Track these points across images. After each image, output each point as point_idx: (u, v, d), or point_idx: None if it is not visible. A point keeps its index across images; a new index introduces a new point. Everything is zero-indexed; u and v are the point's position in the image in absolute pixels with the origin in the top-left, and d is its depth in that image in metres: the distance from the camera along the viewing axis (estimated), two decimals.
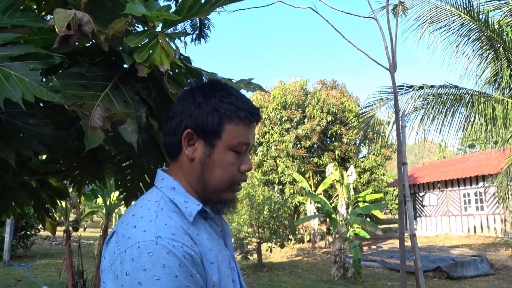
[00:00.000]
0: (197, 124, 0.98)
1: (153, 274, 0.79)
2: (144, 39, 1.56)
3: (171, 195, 0.97)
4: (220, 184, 1.00)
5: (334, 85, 21.34)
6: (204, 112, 0.99)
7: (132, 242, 0.84)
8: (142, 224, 0.87)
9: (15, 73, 1.20)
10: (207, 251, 0.93)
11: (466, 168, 19.35)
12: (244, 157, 1.02)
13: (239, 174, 1.01)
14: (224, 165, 0.99)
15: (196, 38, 5.05)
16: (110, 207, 8.22)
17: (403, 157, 4.16)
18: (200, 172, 0.99)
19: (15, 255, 13.50)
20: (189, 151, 1.00)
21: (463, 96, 7.07)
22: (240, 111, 0.99)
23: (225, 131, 0.98)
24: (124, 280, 0.81)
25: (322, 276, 10.40)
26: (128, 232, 0.87)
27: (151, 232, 0.84)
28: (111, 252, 0.88)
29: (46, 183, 2.89)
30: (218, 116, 0.98)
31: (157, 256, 0.81)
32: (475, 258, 10.18)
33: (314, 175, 19.09)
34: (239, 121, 0.99)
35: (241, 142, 0.99)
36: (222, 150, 0.99)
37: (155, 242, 0.83)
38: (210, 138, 0.98)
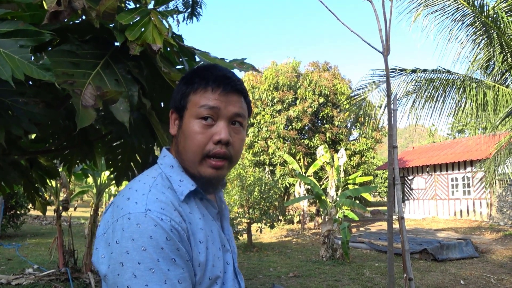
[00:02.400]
0: (173, 103, 1.04)
1: (140, 244, 0.83)
2: (136, 16, 1.53)
3: (168, 173, 1.00)
4: (191, 155, 0.99)
5: (327, 67, 21.27)
6: (176, 89, 1.05)
7: (124, 213, 0.87)
8: (135, 197, 0.90)
9: (4, 50, 1.18)
10: (197, 230, 0.95)
11: (454, 153, 19.58)
12: (216, 126, 0.99)
13: (211, 145, 0.98)
14: (190, 134, 0.98)
15: (188, 17, 4.96)
16: (100, 187, 8.19)
17: (394, 140, 4.18)
18: (177, 145, 1.03)
19: (5, 235, 13.47)
20: (173, 129, 1.05)
21: (455, 81, 7.09)
22: (203, 80, 1.00)
23: (190, 101, 1.00)
24: (113, 248, 0.85)
25: (311, 256, 10.55)
26: (122, 203, 0.91)
27: (142, 205, 0.88)
28: (106, 221, 0.92)
29: (36, 162, 2.87)
30: (183, 89, 1.02)
31: (145, 227, 0.84)
32: (460, 241, 10.38)
33: (305, 157, 19.18)
34: (201, 89, 0.99)
35: (202, 105, 0.98)
36: (188, 119, 0.99)
37: (144, 214, 0.86)
38: (180, 111, 1.02)
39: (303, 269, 8.76)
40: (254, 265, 9.25)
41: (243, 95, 1.05)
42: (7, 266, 8.57)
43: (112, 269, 0.85)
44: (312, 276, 8.04)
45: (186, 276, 0.87)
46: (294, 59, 21.17)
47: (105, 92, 1.34)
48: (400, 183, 4.42)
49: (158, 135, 1.77)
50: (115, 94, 1.34)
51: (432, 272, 8.30)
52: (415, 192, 21.17)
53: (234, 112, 1.00)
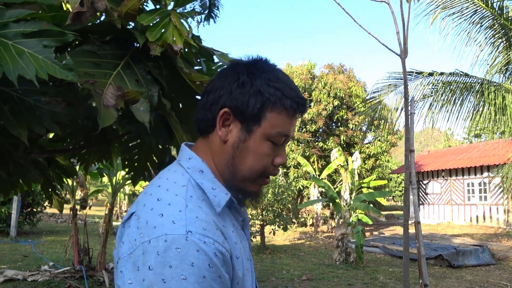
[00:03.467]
0: (236, 105, 0.88)
1: (179, 272, 0.73)
2: (157, 17, 1.54)
3: (198, 179, 0.89)
4: (250, 174, 0.91)
5: (342, 69, 21.17)
6: (246, 92, 0.88)
7: (158, 233, 0.75)
8: (170, 213, 0.78)
9: (28, 50, 1.19)
10: (233, 245, 0.86)
11: (471, 158, 19.27)
12: (280, 149, 0.93)
13: (271, 166, 0.92)
14: (258, 154, 0.90)
15: (205, 19, 4.99)
16: (115, 186, 8.29)
17: (411, 144, 4.13)
18: (231, 156, 0.91)
19: (21, 232, 13.70)
20: (223, 132, 0.90)
21: (473, 85, 6.99)
22: (286, 98, 0.89)
23: (266, 118, 0.88)
24: (146, 274, 0.74)
25: (324, 260, 10.49)
26: (154, 219, 0.78)
27: (181, 225, 0.76)
28: (131, 239, 0.79)
29: (54, 161, 2.91)
30: (261, 100, 0.88)
31: (186, 253, 0.73)
32: (476, 248, 10.20)
33: (319, 160, 19.11)
34: (282, 110, 0.89)
35: (281, 133, 0.90)
36: (259, 138, 0.89)
37: (185, 237, 0.75)
38: (248, 122, 0.89)
39: (316, 272, 8.71)
40: (267, 267, 9.24)
41: None
42: (23, 262, 8.71)
43: None
44: (325, 279, 7.99)
45: None
46: (309, 61, 21.13)
47: (126, 92, 1.35)
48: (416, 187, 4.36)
49: (177, 136, 1.78)
50: (136, 94, 1.35)
51: (448, 278, 8.17)
52: (430, 196, 20.90)
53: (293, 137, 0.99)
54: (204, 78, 1.51)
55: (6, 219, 12.79)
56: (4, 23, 1.25)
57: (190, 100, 1.84)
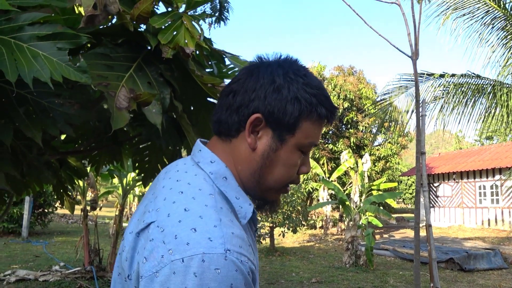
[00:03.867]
0: (271, 111, 0.82)
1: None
2: (169, 20, 1.55)
3: (222, 186, 0.82)
4: (276, 184, 0.86)
5: (352, 71, 21.09)
6: (284, 99, 0.82)
7: (194, 252, 0.67)
8: (204, 229, 0.70)
9: (43, 53, 1.21)
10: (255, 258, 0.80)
11: (482, 160, 19.06)
12: (306, 158, 0.89)
13: (296, 176, 0.89)
14: (288, 165, 0.85)
15: (216, 21, 5.01)
16: (126, 187, 8.34)
17: (422, 146, 4.10)
18: (259, 166, 0.84)
19: (33, 232, 13.85)
20: (252, 139, 0.84)
21: (485, 86, 6.91)
22: (322, 107, 0.84)
23: (300, 128, 0.83)
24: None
25: (333, 262, 10.44)
26: (185, 235, 0.70)
27: (219, 243, 0.69)
28: (157, 255, 0.70)
29: (66, 162, 2.93)
30: (299, 108, 0.82)
31: (225, 274, 0.67)
32: (488, 251, 10.08)
33: (329, 162, 19.03)
34: (317, 119, 0.84)
35: (312, 142, 0.86)
36: (291, 148, 0.84)
37: (224, 257, 0.68)
38: (282, 131, 0.83)
39: (325, 275, 8.68)
40: (277, 270, 9.22)
41: None
42: (34, 262, 8.80)
43: None
44: (335, 282, 7.95)
45: None
46: (319, 63, 21.08)
47: (138, 94, 1.36)
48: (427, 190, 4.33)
49: (188, 138, 1.79)
50: (149, 97, 1.36)
51: (459, 282, 8.08)
52: (440, 199, 20.70)
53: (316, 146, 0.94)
54: (216, 80, 1.51)
55: (18, 219, 12.94)
56: (19, 26, 1.27)
57: (201, 103, 1.85)
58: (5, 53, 1.16)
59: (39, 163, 1.96)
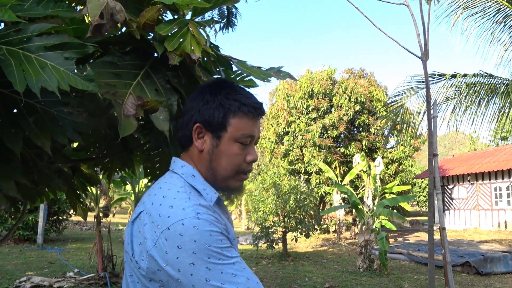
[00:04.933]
0: (205, 119, 1.08)
1: (203, 242, 0.91)
2: (175, 27, 1.55)
3: (191, 182, 1.07)
4: (227, 172, 1.09)
5: (362, 74, 20.98)
6: (211, 107, 1.08)
7: (174, 220, 0.93)
8: (178, 204, 0.97)
9: (50, 63, 1.22)
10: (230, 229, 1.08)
11: (498, 161, 18.76)
12: (249, 148, 1.11)
13: (244, 164, 1.11)
14: (229, 155, 1.08)
15: (224, 27, 5.04)
16: (138, 194, 8.39)
17: (434, 148, 4.05)
18: (208, 161, 1.09)
19: (48, 239, 14.00)
20: (199, 143, 1.10)
21: (498, 86, 6.81)
22: (243, 106, 1.08)
23: (230, 124, 1.08)
24: (178, 253, 0.90)
25: (347, 267, 10.34)
26: (166, 211, 0.96)
27: (191, 210, 0.95)
28: (151, 233, 0.95)
29: (78, 170, 2.96)
30: (223, 111, 1.07)
31: (202, 228, 0.92)
32: (505, 254, 9.89)
33: (341, 165, 18.92)
34: (243, 115, 1.08)
35: (245, 134, 1.08)
36: (227, 141, 1.08)
37: (197, 217, 0.94)
38: (217, 131, 1.08)
39: (339, 279, 8.60)
40: (289, 275, 9.17)
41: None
42: (49, 269, 8.89)
43: (184, 271, 0.90)
44: (348, 287, 7.87)
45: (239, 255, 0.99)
46: (330, 66, 21.00)
47: (145, 101, 1.37)
48: (441, 192, 4.27)
49: None
50: (156, 104, 1.37)
51: (475, 286, 7.94)
52: (455, 201, 20.41)
53: (259, 136, 1.15)
54: None
55: (33, 227, 13.10)
56: (28, 37, 1.29)
57: None
58: (14, 64, 1.18)
59: (50, 171, 1.98)
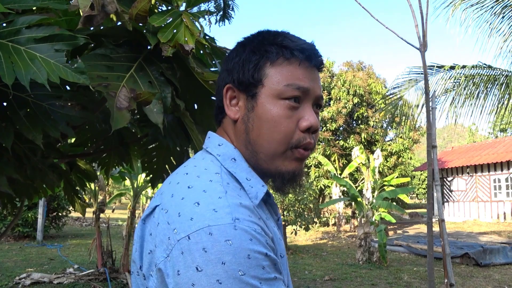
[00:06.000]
0: (236, 77, 0.80)
1: (235, 268, 0.59)
2: (168, 18, 1.53)
3: (231, 168, 0.76)
4: (273, 146, 0.76)
5: (361, 66, 20.95)
6: (241, 61, 0.80)
7: (199, 226, 0.62)
8: (208, 201, 0.65)
9: (40, 55, 1.20)
10: (277, 241, 0.74)
11: (497, 153, 18.77)
12: (303, 109, 0.78)
13: (299, 133, 0.77)
14: (272, 119, 0.76)
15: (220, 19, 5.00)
16: (137, 189, 8.38)
17: (433, 140, 4.03)
18: (245, 133, 0.79)
19: (47, 235, 14.01)
20: (231, 111, 0.81)
21: (497, 77, 6.79)
22: (285, 49, 0.78)
23: (268, 76, 0.77)
24: (195, 277, 0.60)
25: (347, 259, 10.37)
26: (188, 210, 0.64)
27: (225, 212, 0.63)
28: (164, 238, 0.65)
29: (75, 165, 2.95)
30: (255, 59, 0.79)
31: (239, 244, 0.61)
32: (504, 246, 9.92)
33: (340, 158, 18.93)
34: (284, 61, 0.78)
35: (291, 85, 0.76)
36: (267, 99, 0.77)
37: (233, 226, 0.62)
38: (250, 88, 0.78)
39: (338, 272, 8.62)
40: (289, 268, 9.16)
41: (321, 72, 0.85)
42: (49, 265, 8.89)
43: None
44: (348, 279, 7.89)
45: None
46: (328, 59, 20.95)
47: (138, 94, 1.35)
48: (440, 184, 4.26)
49: (192, 136, 1.77)
50: (149, 96, 1.35)
51: (475, 277, 7.96)
52: (454, 194, 20.45)
53: (319, 94, 0.80)
54: (217, 77, 1.50)
55: (32, 223, 13.10)
56: (17, 29, 1.26)
57: (205, 100, 1.83)
58: (2, 56, 1.15)
59: (43, 166, 1.95)
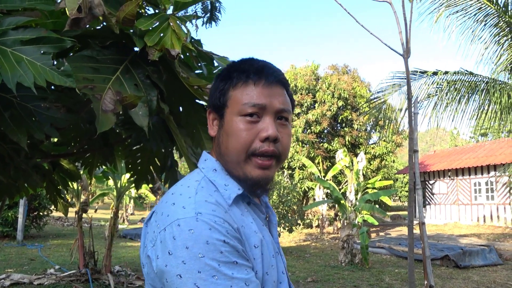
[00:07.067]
0: (211, 102, 0.98)
1: (196, 251, 0.75)
2: (155, 22, 1.54)
3: (211, 177, 0.93)
4: (236, 155, 0.91)
5: (346, 70, 21.12)
6: (213, 88, 0.99)
7: (171, 220, 0.80)
8: (180, 201, 0.84)
9: (26, 57, 1.20)
10: (251, 233, 0.87)
11: (477, 157, 19.14)
12: (262, 122, 0.91)
13: (258, 142, 0.90)
14: (234, 133, 0.91)
15: (207, 21, 5.01)
16: (120, 189, 8.32)
17: (415, 144, 4.11)
18: (218, 146, 0.96)
19: (28, 235, 13.77)
20: (212, 130, 0.99)
21: (478, 83, 6.94)
22: (242, 73, 0.93)
23: (230, 98, 0.93)
24: (167, 260, 0.77)
25: (329, 261, 10.45)
26: (167, 209, 0.84)
27: (190, 208, 0.81)
28: (152, 232, 0.85)
29: (58, 165, 2.92)
30: (222, 85, 0.96)
31: (199, 232, 0.77)
32: (483, 248, 10.12)
33: (324, 161, 19.06)
34: (242, 84, 0.92)
35: (246, 103, 0.90)
36: (230, 117, 0.92)
37: (195, 218, 0.78)
38: (219, 110, 0.95)
39: (321, 274, 8.69)
40: None
41: (285, 87, 0.98)
42: (29, 266, 8.75)
43: (170, 282, 0.76)
44: (330, 281, 7.96)
45: (251, 276, 0.80)
46: (313, 62, 21.08)
47: (124, 97, 1.36)
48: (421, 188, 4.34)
49: (176, 139, 1.78)
50: (134, 99, 1.36)
51: (454, 279, 8.11)
52: (436, 196, 20.78)
53: (279, 108, 0.93)
54: (202, 82, 1.51)
55: (13, 223, 12.86)
56: (3, 30, 1.26)
57: (190, 105, 1.85)
58: None
59: (27, 167, 1.94)
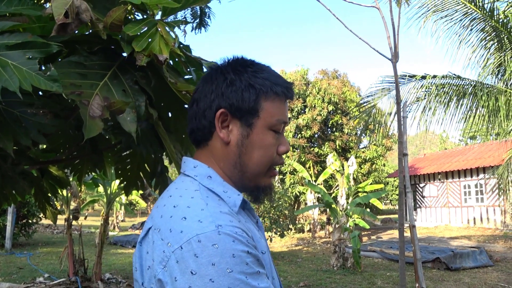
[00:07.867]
0: (231, 103, 0.89)
1: (224, 267, 0.71)
2: (143, 27, 1.53)
3: (208, 184, 0.87)
4: (260, 168, 0.91)
5: (336, 74, 21.27)
6: (238, 89, 0.89)
7: (188, 236, 0.73)
8: (193, 214, 0.77)
9: (12, 62, 1.19)
10: (257, 239, 0.85)
11: (467, 160, 19.35)
12: (282, 137, 0.94)
13: (277, 156, 0.93)
14: (264, 147, 0.90)
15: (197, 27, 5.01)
16: (110, 196, 8.25)
17: (404, 148, 4.14)
18: (237, 156, 0.90)
19: (17, 243, 13.59)
20: (224, 134, 0.89)
21: (465, 87, 7.03)
22: (276, 86, 0.91)
23: (263, 109, 0.89)
24: (190, 280, 0.70)
25: (321, 265, 10.45)
26: (178, 225, 0.76)
27: (208, 222, 0.75)
28: (160, 252, 0.76)
29: (47, 172, 2.89)
30: (254, 92, 0.89)
31: (224, 246, 0.72)
32: (474, 250, 10.21)
33: (315, 165, 19.11)
34: (275, 97, 0.91)
35: (280, 120, 0.91)
36: (261, 129, 0.89)
37: (217, 232, 0.73)
38: (247, 117, 0.89)
39: (313, 278, 8.68)
40: None
41: None
42: (18, 274, 8.62)
43: None
44: (322, 285, 7.96)
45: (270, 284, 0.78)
46: (303, 67, 21.20)
47: (112, 102, 1.35)
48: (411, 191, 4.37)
49: (166, 145, 1.77)
50: (122, 105, 1.35)
51: (445, 281, 8.16)
52: (427, 199, 20.93)
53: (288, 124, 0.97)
54: (190, 87, 1.51)
55: (1, 231, 12.68)
56: None
57: (179, 110, 1.84)
58: None
59: (14, 174, 1.92)
